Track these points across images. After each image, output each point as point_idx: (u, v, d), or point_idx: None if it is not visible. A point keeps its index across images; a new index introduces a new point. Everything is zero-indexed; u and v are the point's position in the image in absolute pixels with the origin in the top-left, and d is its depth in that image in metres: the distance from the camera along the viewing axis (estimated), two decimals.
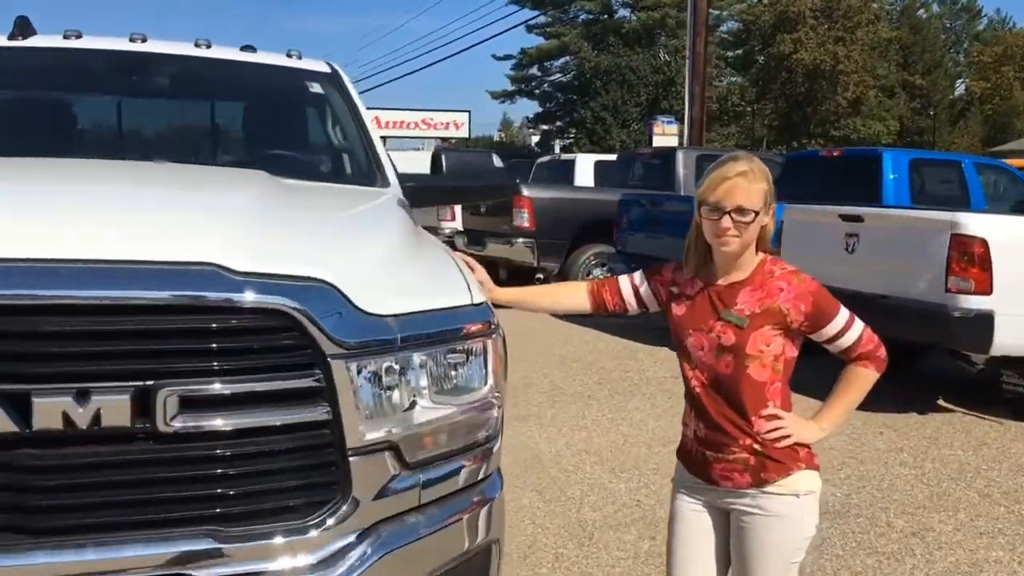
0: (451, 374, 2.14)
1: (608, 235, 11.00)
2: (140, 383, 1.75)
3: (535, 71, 51.18)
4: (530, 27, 47.86)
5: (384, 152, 3.63)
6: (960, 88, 63.74)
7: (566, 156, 18.76)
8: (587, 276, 11.60)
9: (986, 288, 5.95)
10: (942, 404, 7.04)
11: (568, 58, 48.54)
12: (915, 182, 9.28)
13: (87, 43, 3.70)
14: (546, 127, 52.81)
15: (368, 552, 1.97)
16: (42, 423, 1.70)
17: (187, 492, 1.83)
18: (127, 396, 1.74)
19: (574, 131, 45.08)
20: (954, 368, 7.80)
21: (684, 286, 2.47)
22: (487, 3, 70.96)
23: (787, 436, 2.34)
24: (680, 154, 12.29)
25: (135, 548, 1.79)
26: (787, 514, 2.34)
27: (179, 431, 1.78)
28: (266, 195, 2.53)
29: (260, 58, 3.94)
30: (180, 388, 1.77)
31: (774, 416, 2.35)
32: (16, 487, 1.74)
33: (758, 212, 2.28)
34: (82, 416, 1.71)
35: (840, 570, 3.99)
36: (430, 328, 2.08)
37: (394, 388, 2.01)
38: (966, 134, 55.25)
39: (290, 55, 4.02)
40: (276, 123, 3.95)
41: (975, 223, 6.09)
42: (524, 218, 11.52)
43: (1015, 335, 6.03)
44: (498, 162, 3.93)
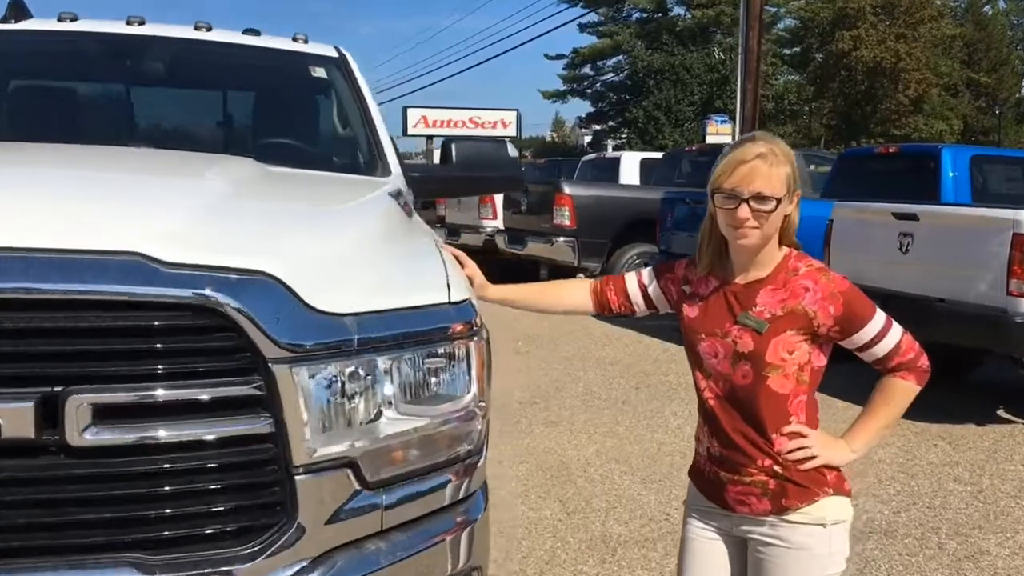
0: (425, 381, 1.89)
1: (652, 234, 10.75)
2: (46, 389, 1.52)
3: (587, 70, 50.82)
4: (582, 26, 47.70)
5: (388, 140, 3.42)
6: None
7: (611, 154, 18.43)
8: None
9: None
10: (1002, 415, 6.61)
11: (621, 57, 48.15)
12: (976, 180, 8.76)
13: (83, 26, 3.56)
14: (598, 127, 52.50)
15: None
16: None
17: (107, 514, 1.60)
18: (31, 404, 1.51)
19: (626, 131, 44.69)
20: (1015, 377, 7.33)
21: (697, 285, 2.18)
22: (535, 1, 70.54)
23: (812, 457, 2.05)
24: None
25: None
26: (811, 546, 2.05)
27: (93, 444, 1.55)
28: (239, 183, 2.30)
29: (263, 42, 3.76)
30: (93, 396, 1.54)
31: (797, 434, 2.05)
32: None
33: (780, 199, 1.99)
34: None
35: None
36: (396, 329, 1.83)
37: (353, 397, 1.76)
38: None
39: (296, 39, 3.84)
40: (275, 109, 3.77)
41: None
42: (565, 216, 11.28)
43: None
44: (513, 152, 3.70)
